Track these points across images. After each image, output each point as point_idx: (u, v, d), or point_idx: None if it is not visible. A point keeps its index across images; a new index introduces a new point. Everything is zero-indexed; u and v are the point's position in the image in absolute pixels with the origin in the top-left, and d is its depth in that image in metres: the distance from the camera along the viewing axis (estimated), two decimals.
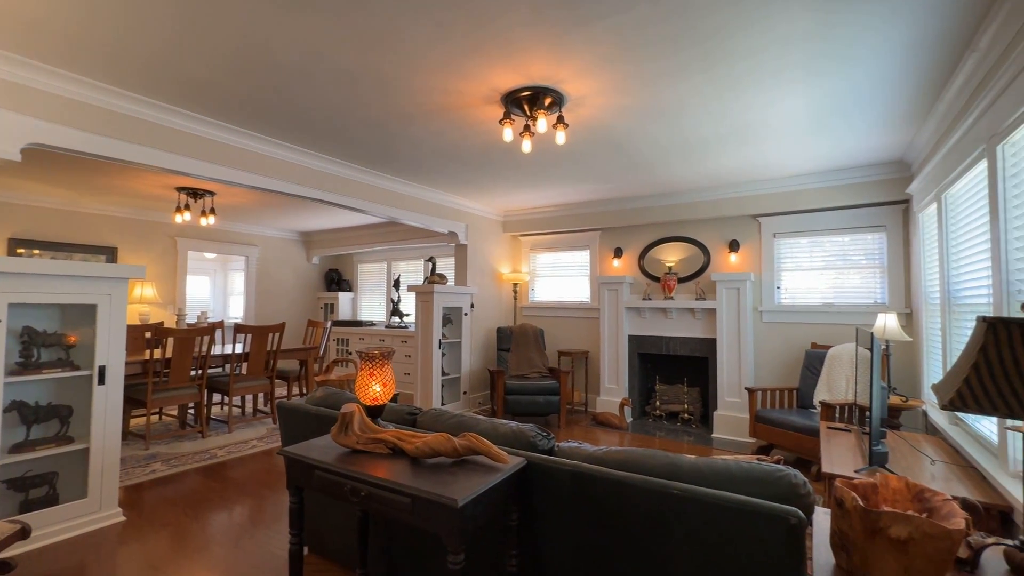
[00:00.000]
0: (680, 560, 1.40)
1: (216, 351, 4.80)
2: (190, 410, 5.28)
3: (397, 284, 6.91)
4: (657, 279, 5.32)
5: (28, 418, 2.56)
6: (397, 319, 6.94)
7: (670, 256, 5.30)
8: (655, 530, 1.44)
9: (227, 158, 3.36)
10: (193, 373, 4.50)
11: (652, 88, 2.66)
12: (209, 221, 5.17)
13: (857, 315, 4.26)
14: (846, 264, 4.39)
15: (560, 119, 2.80)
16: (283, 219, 6.67)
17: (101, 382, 2.71)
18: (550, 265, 6.26)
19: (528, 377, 5.18)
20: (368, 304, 8.03)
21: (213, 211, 5.13)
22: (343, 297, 7.83)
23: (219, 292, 8.43)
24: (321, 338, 5.71)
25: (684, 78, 2.54)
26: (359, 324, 7.29)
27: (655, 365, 5.52)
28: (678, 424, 5.07)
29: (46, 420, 2.63)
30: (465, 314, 5.46)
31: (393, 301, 6.98)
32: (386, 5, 1.96)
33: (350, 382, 4.78)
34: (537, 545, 1.67)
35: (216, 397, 6.02)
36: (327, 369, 5.28)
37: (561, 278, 6.16)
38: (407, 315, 6.97)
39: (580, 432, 4.77)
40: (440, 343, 5.03)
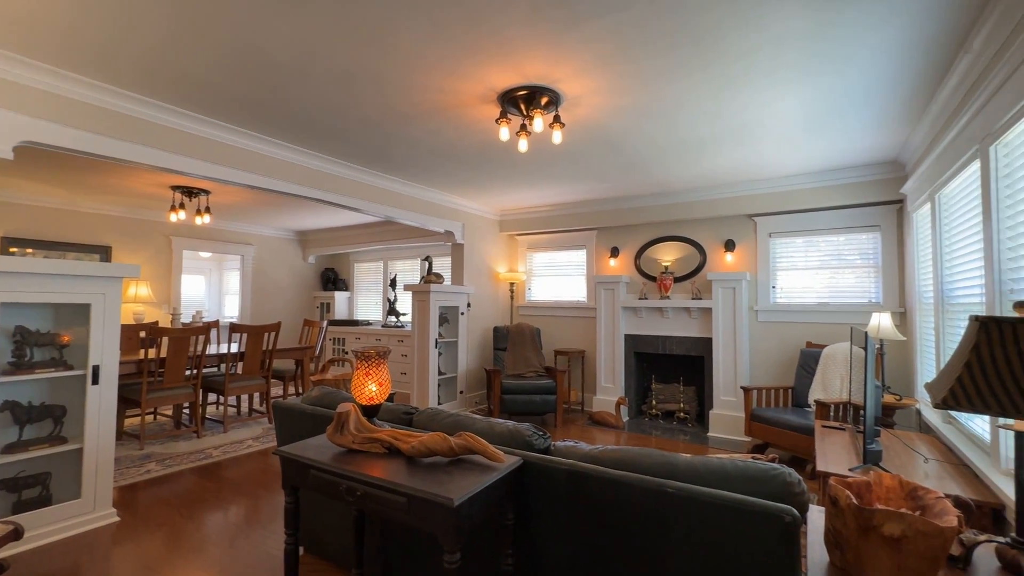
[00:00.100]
0: (676, 558, 1.40)
1: (211, 350, 4.78)
2: (185, 410, 5.26)
3: (393, 283, 6.90)
4: (653, 278, 5.33)
5: (21, 418, 2.54)
6: (393, 318, 6.93)
7: (666, 256, 5.32)
8: (651, 529, 1.44)
9: (222, 157, 3.34)
10: (188, 373, 4.48)
11: (648, 88, 2.67)
12: (204, 220, 5.14)
13: (852, 314, 4.28)
14: (841, 264, 4.42)
15: (557, 118, 2.80)
16: (279, 218, 6.64)
17: (95, 382, 2.69)
18: (546, 264, 6.26)
19: (525, 376, 5.18)
20: (364, 303, 8.01)
21: (208, 210, 5.10)
22: (339, 296, 7.82)
23: (214, 291, 8.39)
24: (317, 337, 5.69)
25: (680, 77, 2.55)
26: (355, 323, 7.28)
27: (651, 364, 5.53)
28: (674, 423, 5.08)
29: (39, 420, 2.61)
30: (462, 313, 5.45)
31: (389, 300, 6.97)
32: (381, 3, 1.95)
33: (346, 381, 4.77)
34: (533, 544, 1.67)
35: (212, 397, 5.99)
36: (323, 368, 5.26)
37: (558, 277, 6.17)
38: (403, 314, 6.96)
39: (576, 431, 4.78)
40: (436, 342, 5.03)
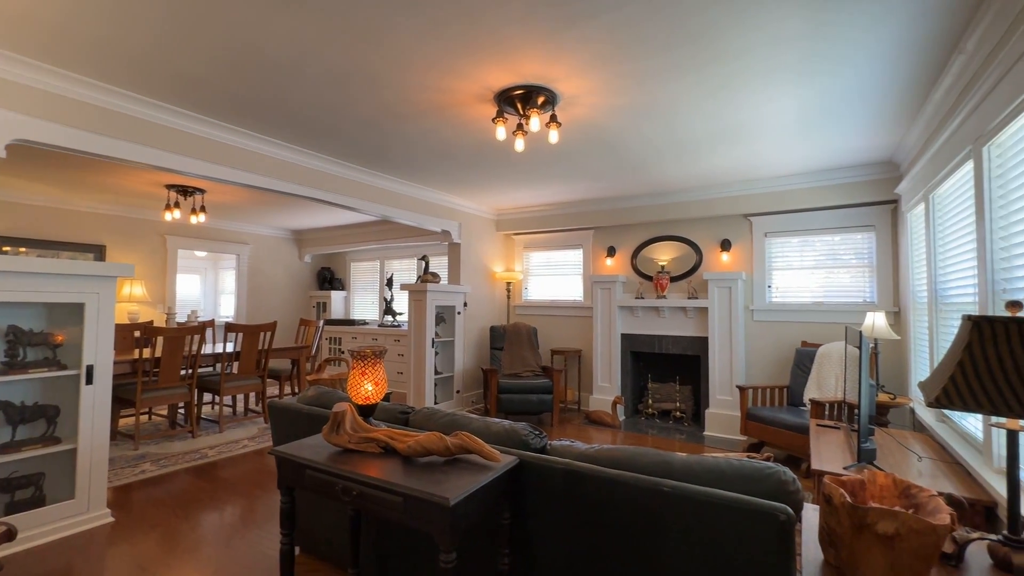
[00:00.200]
0: (672, 557, 1.40)
1: (207, 350, 4.76)
2: (180, 410, 5.23)
3: (390, 283, 6.89)
4: (650, 278, 5.34)
5: (14, 418, 2.52)
6: (390, 318, 6.92)
7: (663, 255, 5.33)
8: (647, 528, 1.44)
9: (218, 155, 3.33)
10: (183, 372, 4.46)
11: (644, 87, 2.67)
12: (199, 219, 5.12)
13: (846, 314, 4.30)
14: (836, 263, 4.44)
15: (553, 118, 2.80)
16: (275, 217, 6.62)
17: (89, 382, 2.67)
18: (543, 264, 6.26)
19: (521, 376, 5.18)
20: (361, 303, 7.99)
21: (203, 209, 5.08)
22: (336, 296, 7.79)
23: (210, 291, 8.35)
24: (313, 337, 5.67)
25: (676, 77, 2.55)
26: (352, 323, 7.26)
27: (648, 363, 5.54)
28: (670, 422, 5.09)
29: (32, 420, 2.59)
30: (458, 313, 5.45)
31: (386, 300, 6.96)
32: (377, 0, 1.95)
33: (342, 381, 4.75)
34: (530, 543, 1.68)
35: (207, 397, 5.97)
36: (319, 368, 5.25)
37: (554, 277, 6.17)
38: (400, 314, 6.95)
39: (573, 430, 4.79)
40: (433, 342, 5.02)
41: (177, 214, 5.01)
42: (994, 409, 1.12)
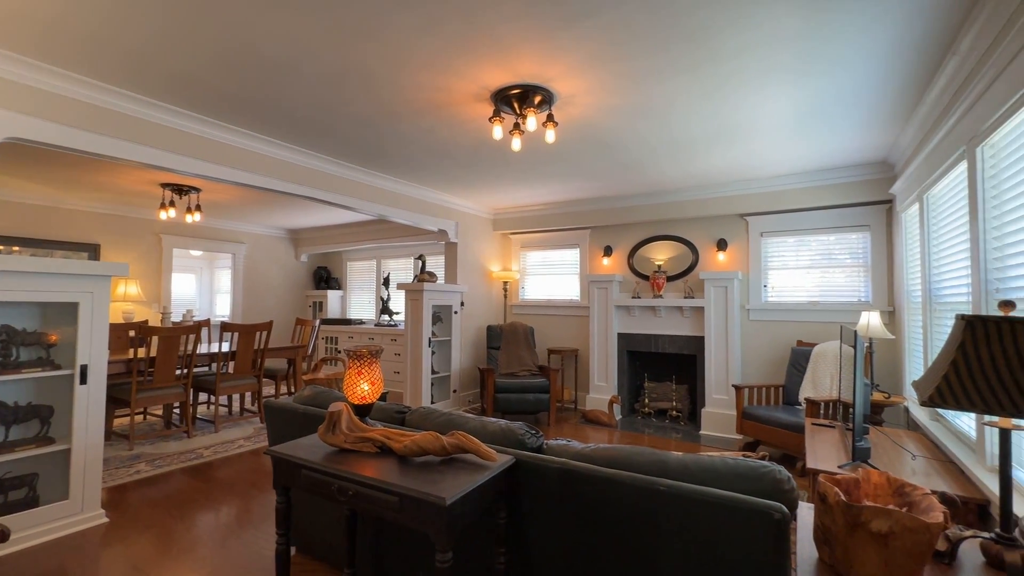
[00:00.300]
0: (667, 555, 1.41)
1: (202, 350, 4.74)
2: (175, 410, 5.21)
3: (387, 282, 6.87)
4: (646, 277, 5.35)
5: (7, 418, 2.51)
6: (387, 317, 6.91)
7: (659, 255, 5.34)
8: (643, 526, 1.45)
9: (213, 154, 3.31)
10: (178, 372, 4.44)
11: (641, 87, 2.68)
12: (195, 218, 5.09)
13: (842, 313, 4.33)
14: (831, 263, 4.46)
15: (550, 117, 2.80)
16: (271, 216, 6.59)
17: (83, 382, 2.66)
18: (540, 263, 6.26)
19: (518, 375, 5.19)
20: (357, 302, 7.97)
21: (199, 208, 5.05)
22: (332, 295, 7.77)
23: (205, 290, 8.31)
24: (309, 336, 5.66)
25: (672, 76, 2.56)
26: (348, 322, 7.24)
27: (644, 363, 5.56)
28: (667, 421, 5.11)
29: (26, 420, 2.58)
30: (455, 312, 5.44)
31: (383, 299, 6.94)
32: None
33: (338, 381, 4.74)
34: (526, 542, 1.68)
35: (202, 396, 5.94)
36: (315, 368, 5.23)
37: (551, 276, 6.17)
38: (397, 313, 6.94)
39: (569, 430, 4.79)
40: (430, 341, 5.02)
41: (172, 213, 4.99)
42: (987, 408, 1.13)
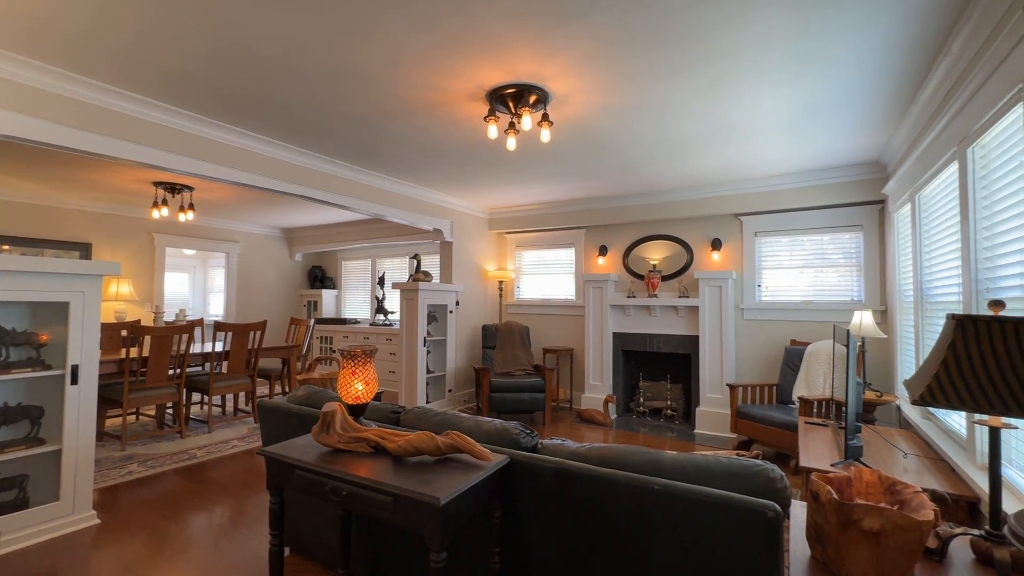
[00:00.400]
0: (661, 554, 1.41)
1: (196, 349, 4.71)
2: (168, 410, 5.17)
3: (382, 281, 6.85)
4: (641, 277, 5.36)
5: None
6: (382, 317, 6.89)
7: (654, 254, 5.35)
8: (637, 525, 1.45)
9: (207, 152, 3.29)
10: (171, 372, 4.41)
11: (635, 86, 2.68)
12: (188, 217, 5.06)
13: (835, 312, 4.35)
14: (824, 263, 4.49)
15: (545, 117, 2.80)
16: (265, 215, 6.56)
17: (74, 382, 2.63)
18: (535, 263, 6.27)
19: (513, 375, 5.19)
20: (352, 302, 7.95)
21: (192, 206, 5.01)
22: (327, 294, 7.74)
23: (199, 289, 8.26)
24: (304, 336, 5.63)
25: (667, 76, 2.56)
26: (343, 322, 7.22)
27: (639, 362, 5.57)
28: (661, 420, 5.13)
29: (16, 421, 2.55)
30: (450, 312, 5.44)
31: (378, 299, 6.92)
32: None
33: (333, 380, 4.73)
34: (520, 542, 1.68)
35: (196, 396, 5.90)
36: (310, 367, 5.21)
37: (546, 276, 6.18)
38: (392, 313, 6.92)
39: (565, 429, 4.80)
40: (425, 341, 5.01)
41: (165, 212, 4.95)
42: (977, 407, 1.14)
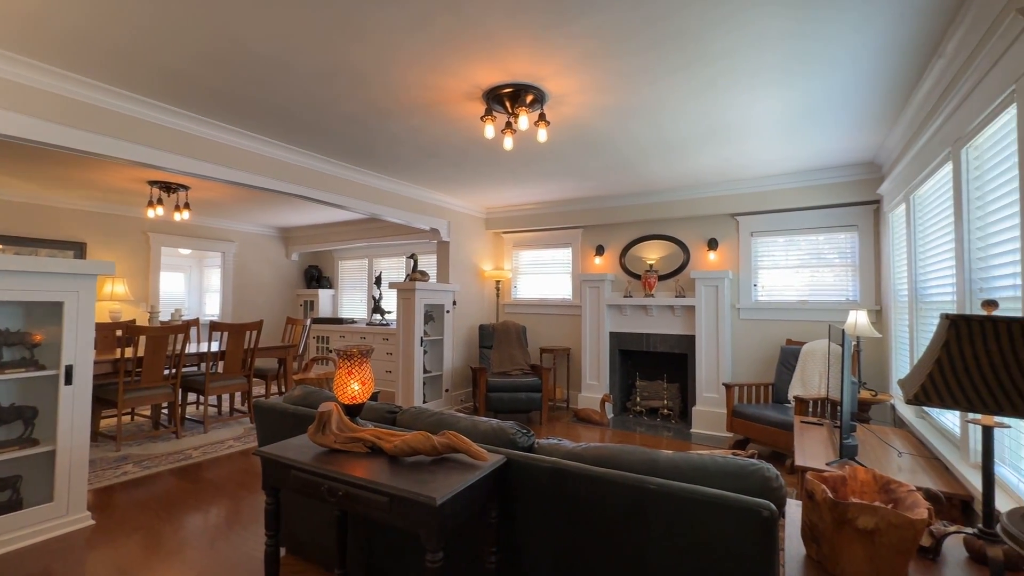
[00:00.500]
0: (657, 553, 1.42)
1: (191, 349, 4.69)
2: (164, 410, 5.15)
3: (379, 281, 6.84)
4: (638, 277, 5.37)
5: None
6: (379, 316, 6.88)
7: (651, 254, 5.36)
8: (633, 524, 1.45)
9: (203, 152, 3.27)
10: (167, 372, 4.39)
11: (632, 86, 2.68)
12: (183, 216, 5.03)
13: (830, 312, 4.37)
14: (820, 262, 4.51)
15: (542, 116, 2.80)
16: (261, 214, 6.53)
17: (68, 382, 2.62)
18: (532, 263, 6.27)
19: (510, 374, 5.19)
20: (349, 301, 7.93)
21: (187, 206, 4.99)
22: (323, 294, 7.72)
23: (194, 289, 8.22)
24: (300, 336, 5.62)
25: (663, 76, 2.57)
26: (340, 321, 7.20)
27: (636, 362, 5.58)
28: (658, 419, 5.14)
29: (9, 422, 2.53)
30: (447, 311, 5.43)
31: (374, 298, 6.91)
32: None
33: (329, 380, 4.71)
34: (517, 541, 1.68)
35: (191, 397, 5.88)
36: (306, 367, 5.20)
37: (543, 275, 6.18)
38: (389, 312, 6.91)
39: (561, 428, 4.80)
40: (422, 341, 5.00)
41: (160, 211, 4.92)
42: (970, 406, 1.14)
